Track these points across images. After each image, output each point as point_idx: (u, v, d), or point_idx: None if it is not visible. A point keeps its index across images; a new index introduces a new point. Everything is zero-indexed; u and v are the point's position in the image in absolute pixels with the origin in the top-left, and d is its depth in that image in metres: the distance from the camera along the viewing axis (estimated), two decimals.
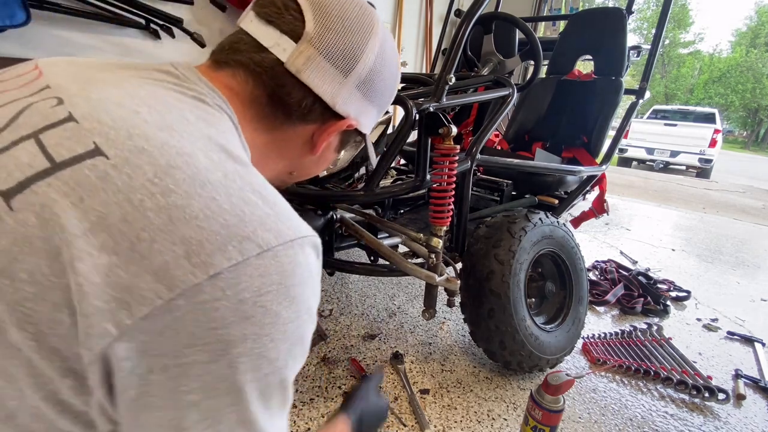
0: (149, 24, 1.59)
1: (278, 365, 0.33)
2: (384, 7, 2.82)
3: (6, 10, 1.21)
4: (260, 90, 0.45)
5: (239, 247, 0.30)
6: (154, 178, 0.30)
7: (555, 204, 1.78)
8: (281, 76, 0.44)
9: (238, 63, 0.45)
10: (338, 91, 0.47)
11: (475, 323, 1.22)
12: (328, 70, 0.46)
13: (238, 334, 0.30)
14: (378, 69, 0.50)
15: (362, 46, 0.48)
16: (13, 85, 0.39)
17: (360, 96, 0.50)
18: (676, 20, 25.58)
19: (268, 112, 0.46)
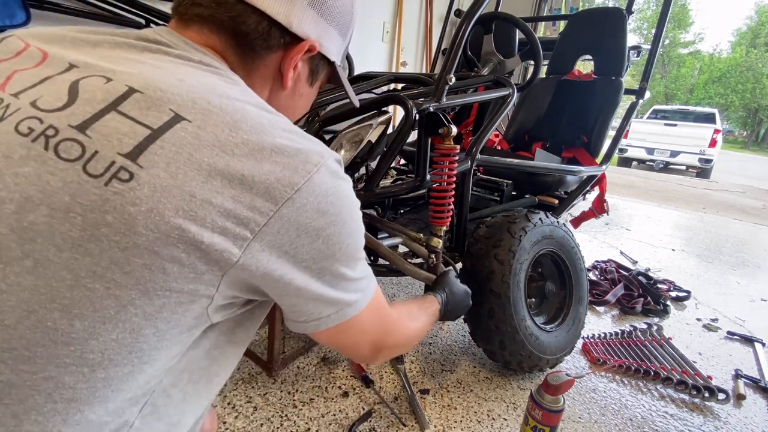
0: (149, 24, 1.59)
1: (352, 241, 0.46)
2: (384, 7, 2.82)
3: (6, 10, 1.21)
4: (226, 35, 0.48)
5: (305, 167, 0.41)
6: (231, 132, 0.39)
7: (555, 204, 1.78)
8: (232, 7, 0.47)
9: (200, 17, 0.48)
10: (290, 9, 0.48)
11: (475, 323, 1.23)
12: (311, 18, 0.50)
13: (323, 223, 0.42)
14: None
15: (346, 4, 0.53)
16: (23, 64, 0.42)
17: (315, 14, 0.51)
18: (676, 20, 25.57)
19: (240, 53, 0.49)
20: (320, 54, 0.54)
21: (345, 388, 1.20)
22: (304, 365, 1.28)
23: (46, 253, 0.33)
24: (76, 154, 0.35)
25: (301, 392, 1.17)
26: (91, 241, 0.34)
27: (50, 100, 0.38)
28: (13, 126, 0.36)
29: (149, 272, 0.35)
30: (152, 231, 0.34)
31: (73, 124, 0.36)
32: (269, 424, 1.05)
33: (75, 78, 0.39)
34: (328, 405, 1.13)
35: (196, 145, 0.37)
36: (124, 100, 0.37)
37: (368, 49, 2.81)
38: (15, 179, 0.34)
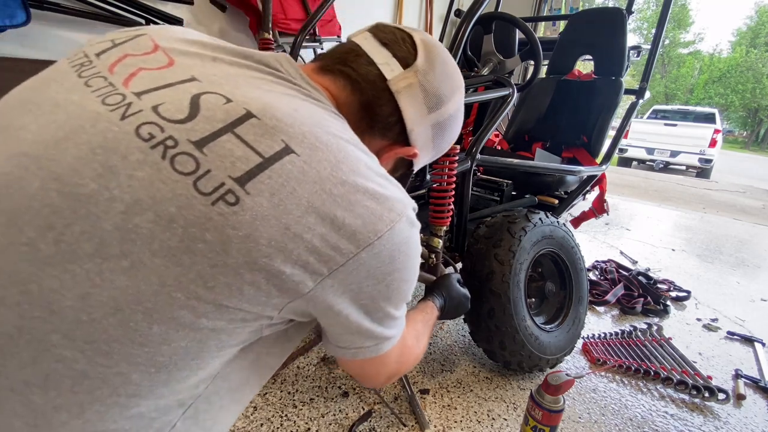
0: (149, 24, 1.59)
1: (408, 287, 0.51)
2: (384, 7, 2.82)
3: (6, 10, 1.21)
4: (355, 97, 0.52)
5: (389, 216, 0.44)
6: (332, 171, 0.41)
7: (555, 204, 1.78)
8: (380, 90, 0.52)
9: (341, 72, 0.53)
10: (419, 121, 0.55)
11: (475, 323, 1.23)
12: (419, 101, 0.54)
13: (390, 269, 0.46)
14: (451, 121, 0.60)
15: (450, 95, 0.57)
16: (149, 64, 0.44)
17: (430, 134, 0.58)
18: (676, 20, 25.58)
19: (356, 118, 0.52)
20: (410, 161, 0.61)
21: (345, 388, 1.20)
22: (304, 365, 1.28)
23: (142, 257, 0.35)
24: (190, 168, 0.37)
25: (301, 392, 1.17)
26: (186, 253, 0.35)
27: (172, 110, 0.39)
28: (134, 127, 0.38)
29: (228, 291, 0.37)
30: (243, 255, 0.36)
31: (192, 139, 0.38)
32: (269, 424, 1.05)
33: (196, 92, 0.41)
34: (328, 405, 1.13)
35: (300, 180, 0.39)
36: (241, 124, 0.40)
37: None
38: (129, 181, 0.36)
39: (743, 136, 28.01)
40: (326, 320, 0.47)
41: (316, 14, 1.59)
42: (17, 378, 0.34)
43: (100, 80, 0.42)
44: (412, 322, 0.77)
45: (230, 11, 1.87)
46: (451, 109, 0.58)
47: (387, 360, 0.54)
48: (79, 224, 0.34)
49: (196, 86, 0.42)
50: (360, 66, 0.52)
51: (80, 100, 0.40)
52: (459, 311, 0.98)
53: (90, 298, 0.34)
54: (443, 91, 0.56)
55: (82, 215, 0.35)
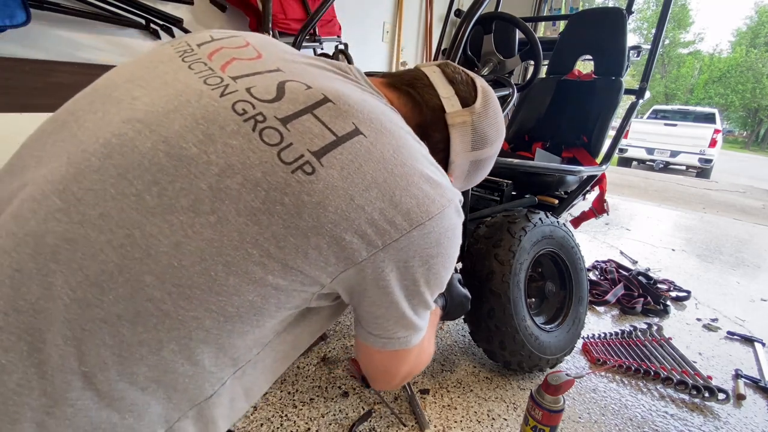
0: (149, 24, 1.59)
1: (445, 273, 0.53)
2: (384, 7, 2.82)
3: (6, 10, 1.21)
4: (414, 116, 0.59)
5: (440, 201, 0.48)
6: (394, 153, 0.46)
7: (555, 204, 1.78)
8: (438, 119, 0.60)
9: (407, 92, 0.60)
10: (462, 155, 0.62)
11: (475, 323, 1.23)
12: (468, 138, 0.62)
13: (435, 252, 0.48)
14: (487, 162, 0.68)
15: (493, 141, 0.65)
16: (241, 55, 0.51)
17: (467, 169, 0.65)
18: (676, 20, 25.58)
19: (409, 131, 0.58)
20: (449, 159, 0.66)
21: (345, 388, 1.20)
22: (304, 365, 1.28)
23: (228, 214, 0.39)
24: (275, 141, 0.42)
25: (301, 392, 1.17)
26: (265, 214, 0.40)
27: (262, 92, 0.45)
28: (231, 103, 0.44)
29: (295, 252, 0.41)
30: (313, 219, 0.41)
31: (278, 116, 0.43)
32: (269, 424, 1.05)
33: (281, 79, 0.48)
34: (328, 405, 1.13)
35: (366, 158, 0.44)
36: (319, 106, 0.45)
37: (368, 49, 2.81)
38: (224, 147, 0.41)
39: (743, 136, 28.01)
40: (369, 299, 0.49)
41: (316, 14, 1.59)
42: (112, 311, 0.38)
43: (201, 65, 0.49)
44: None
45: (230, 11, 1.87)
46: (490, 152, 0.66)
47: (409, 356, 0.57)
48: (180, 181, 0.39)
49: (281, 75, 0.48)
50: (425, 93, 0.59)
51: (186, 79, 0.46)
52: (460, 312, 0.99)
53: (182, 247, 0.39)
54: (490, 135, 0.64)
55: (183, 174, 0.40)
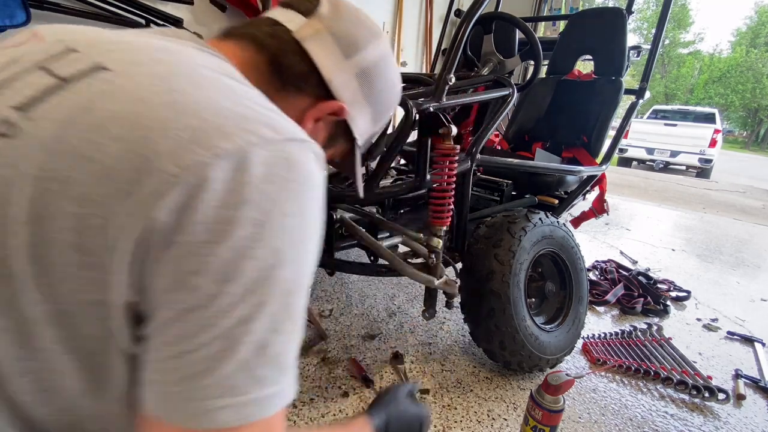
0: (149, 24, 1.59)
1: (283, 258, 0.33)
2: (384, 7, 2.82)
3: (6, 10, 1.21)
4: (261, 56, 0.46)
5: (244, 136, 0.33)
6: (157, 81, 0.34)
7: (555, 204, 1.78)
8: (285, 42, 0.47)
9: (245, 34, 0.48)
10: (336, 68, 0.48)
11: (475, 323, 1.23)
12: (331, 47, 0.48)
13: (240, 216, 0.31)
14: (380, 69, 0.52)
15: (367, 40, 0.51)
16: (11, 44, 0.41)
17: (357, 86, 0.50)
18: (676, 20, 25.58)
19: (266, 78, 0.46)
20: (345, 124, 0.52)
21: (345, 388, 1.20)
22: (304, 365, 1.28)
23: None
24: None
25: (301, 392, 1.17)
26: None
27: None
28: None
29: None
30: None
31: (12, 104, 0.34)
32: None
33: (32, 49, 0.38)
34: (328, 405, 1.13)
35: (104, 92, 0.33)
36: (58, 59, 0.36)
37: None
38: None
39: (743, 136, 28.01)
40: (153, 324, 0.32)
41: None
42: None
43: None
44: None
45: (230, 11, 1.87)
46: (372, 54, 0.51)
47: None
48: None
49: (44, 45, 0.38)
50: (262, 26, 0.48)
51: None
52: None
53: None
54: (357, 35, 0.50)
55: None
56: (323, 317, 1.56)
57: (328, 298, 1.70)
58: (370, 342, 1.43)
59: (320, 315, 1.57)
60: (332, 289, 1.78)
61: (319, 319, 1.53)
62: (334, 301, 1.68)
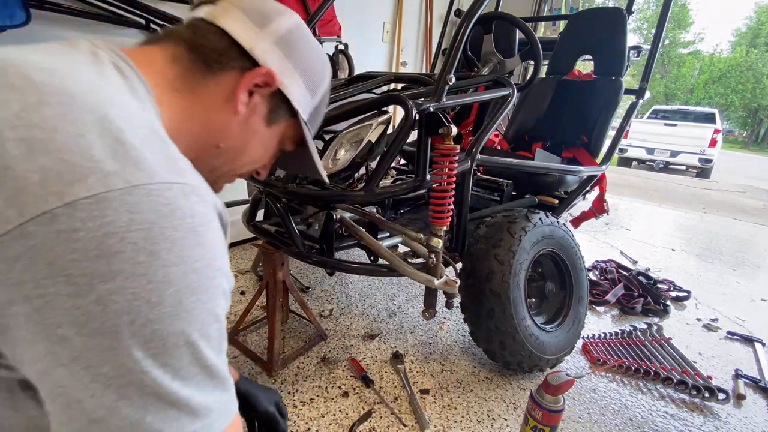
0: (149, 24, 1.59)
1: (165, 312, 0.30)
2: (384, 7, 2.82)
3: (6, 10, 1.20)
4: (180, 47, 0.47)
5: (103, 180, 0.29)
6: (20, 112, 0.30)
7: (555, 204, 1.78)
8: (200, 27, 0.48)
9: (164, 35, 0.48)
10: (254, 38, 0.49)
11: (475, 323, 1.22)
12: (243, 20, 0.49)
13: (105, 269, 0.28)
14: (297, 35, 0.53)
15: (276, 12, 0.52)
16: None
17: (280, 53, 0.51)
18: (676, 20, 25.57)
19: (189, 66, 0.46)
20: (282, 95, 0.52)
21: (345, 388, 1.20)
22: (304, 365, 1.28)
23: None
24: None
25: (301, 392, 1.17)
26: None
27: None
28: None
29: None
30: None
31: None
32: None
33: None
34: (328, 405, 1.13)
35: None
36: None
37: (368, 49, 2.81)
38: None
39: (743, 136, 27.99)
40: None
41: (316, 14, 1.59)
42: None
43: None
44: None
45: None
46: (286, 23, 0.52)
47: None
48: None
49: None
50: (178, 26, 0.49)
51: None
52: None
53: None
54: (265, 8, 0.51)
55: None
56: (323, 317, 1.56)
57: (328, 298, 1.70)
58: (370, 342, 1.43)
59: (320, 315, 1.57)
60: (332, 289, 1.78)
61: (319, 319, 1.53)
62: (334, 301, 1.68)
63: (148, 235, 0.30)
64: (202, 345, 0.33)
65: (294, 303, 1.55)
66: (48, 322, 0.28)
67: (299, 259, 1.20)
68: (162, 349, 0.31)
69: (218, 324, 0.35)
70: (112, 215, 0.29)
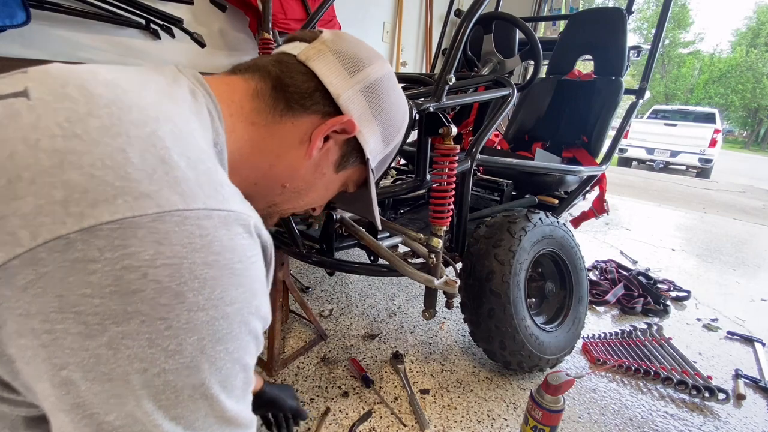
0: (149, 24, 1.59)
1: (182, 363, 0.27)
2: (384, 7, 2.82)
3: (6, 10, 1.20)
4: (265, 82, 0.46)
5: (133, 204, 0.25)
6: (64, 122, 0.27)
7: (555, 204, 1.78)
8: (289, 65, 0.47)
9: (250, 66, 0.47)
10: (342, 84, 0.48)
11: (475, 323, 1.22)
12: (335, 64, 0.48)
13: (120, 310, 0.25)
14: (385, 86, 0.52)
15: (370, 59, 0.51)
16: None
17: (364, 102, 0.50)
18: (676, 20, 25.58)
19: (270, 102, 0.45)
20: (356, 142, 0.51)
21: (345, 388, 1.20)
22: (304, 365, 1.28)
23: None
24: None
25: (301, 392, 1.17)
26: None
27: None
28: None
29: None
30: None
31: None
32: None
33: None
34: (328, 405, 1.13)
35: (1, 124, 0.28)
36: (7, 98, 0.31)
37: None
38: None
39: (743, 136, 28.00)
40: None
41: (316, 14, 1.59)
42: None
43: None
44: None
45: (230, 11, 1.87)
46: (376, 71, 0.51)
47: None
48: None
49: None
50: (267, 58, 0.48)
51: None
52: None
53: None
54: (359, 54, 0.50)
55: None
56: (323, 317, 1.56)
57: (328, 298, 1.70)
58: (370, 342, 1.43)
59: (320, 315, 1.57)
60: (332, 289, 1.78)
61: (319, 319, 1.53)
62: (334, 301, 1.68)
63: (176, 272, 0.26)
64: (223, 398, 0.30)
65: (294, 303, 1.54)
66: (54, 362, 0.25)
67: (299, 259, 1.20)
68: (175, 401, 0.28)
69: (245, 373, 0.32)
70: (136, 246, 0.25)
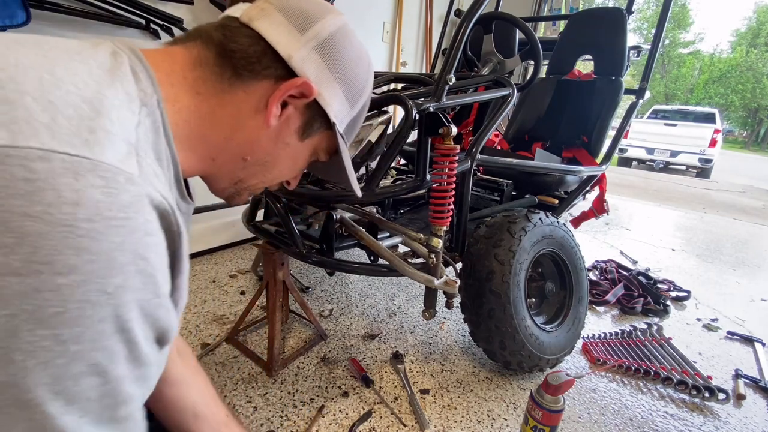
0: (149, 24, 1.59)
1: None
2: (384, 7, 2.82)
3: (6, 10, 1.20)
4: (209, 49, 0.42)
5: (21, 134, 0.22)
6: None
7: (555, 204, 1.78)
8: (233, 29, 0.43)
9: (191, 35, 0.44)
10: (293, 44, 0.44)
11: (475, 323, 1.22)
12: (282, 23, 0.44)
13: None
14: (340, 40, 0.48)
15: (321, 13, 0.47)
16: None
17: (319, 60, 0.46)
18: (676, 20, 25.59)
19: (216, 70, 0.42)
20: (318, 106, 0.47)
21: (345, 388, 1.20)
22: (304, 365, 1.28)
23: None
24: None
25: (301, 392, 1.17)
26: None
27: None
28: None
29: None
30: None
31: None
32: (269, 424, 1.05)
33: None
34: (328, 405, 1.13)
35: None
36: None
37: (368, 49, 2.80)
38: None
39: (743, 136, 28.01)
40: None
41: None
42: None
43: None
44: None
45: None
46: (329, 26, 0.47)
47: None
48: None
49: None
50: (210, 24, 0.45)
51: None
52: None
53: None
54: (308, 8, 0.46)
55: None
56: (323, 317, 1.56)
57: (328, 298, 1.70)
58: (370, 342, 1.43)
59: (320, 315, 1.57)
60: (332, 289, 1.78)
61: (319, 319, 1.53)
62: (334, 301, 1.68)
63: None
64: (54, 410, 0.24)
65: (294, 303, 1.55)
66: None
67: (299, 259, 1.20)
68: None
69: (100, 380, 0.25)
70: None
